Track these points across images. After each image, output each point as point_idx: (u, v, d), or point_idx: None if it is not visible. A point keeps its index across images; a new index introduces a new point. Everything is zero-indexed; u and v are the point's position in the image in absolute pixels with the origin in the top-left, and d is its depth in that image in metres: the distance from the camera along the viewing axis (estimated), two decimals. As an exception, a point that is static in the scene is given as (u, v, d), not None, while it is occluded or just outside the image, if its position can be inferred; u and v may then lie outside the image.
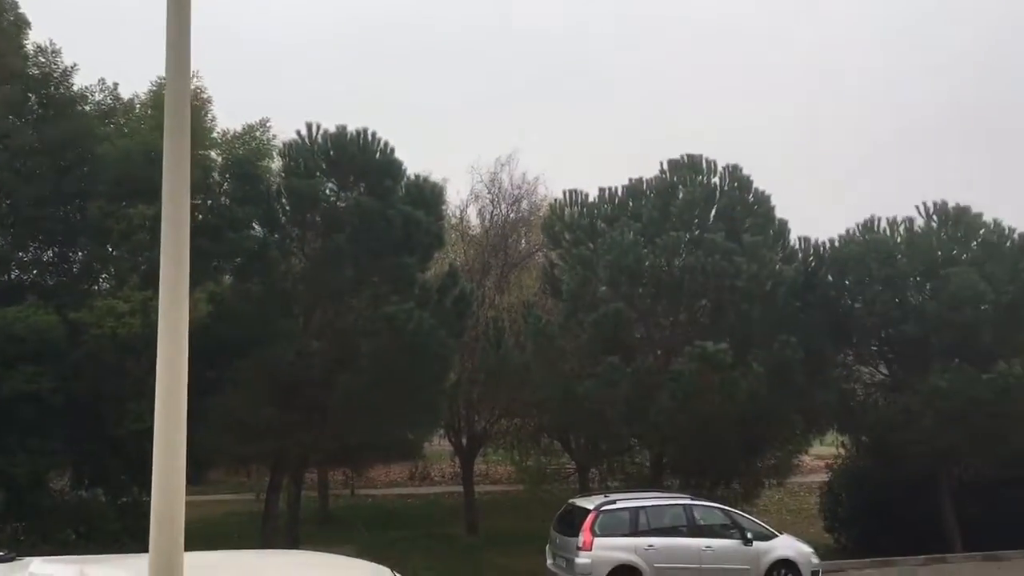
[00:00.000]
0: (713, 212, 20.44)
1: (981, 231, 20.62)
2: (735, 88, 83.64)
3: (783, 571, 15.28)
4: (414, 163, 19.07)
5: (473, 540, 21.63)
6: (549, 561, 15.85)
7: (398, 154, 18.15)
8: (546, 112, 71.71)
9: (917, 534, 20.20)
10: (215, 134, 17.95)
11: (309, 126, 17.96)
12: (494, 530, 22.23)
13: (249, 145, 18.16)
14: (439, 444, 29.57)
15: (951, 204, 20.95)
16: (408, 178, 18.47)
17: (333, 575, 7.01)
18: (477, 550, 20.36)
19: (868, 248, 20.75)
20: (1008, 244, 20.57)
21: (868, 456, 23.08)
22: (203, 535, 19.26)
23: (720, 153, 20.64)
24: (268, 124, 18.54)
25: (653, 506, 15.56)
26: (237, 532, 19.86)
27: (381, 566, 9.19)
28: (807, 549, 15.93)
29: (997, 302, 19.59)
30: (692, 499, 16.36)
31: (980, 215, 20.80)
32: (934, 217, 21.00)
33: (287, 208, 18.25)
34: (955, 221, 20.73)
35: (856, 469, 23.42)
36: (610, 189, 21.37)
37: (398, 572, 9.24)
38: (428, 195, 18.55)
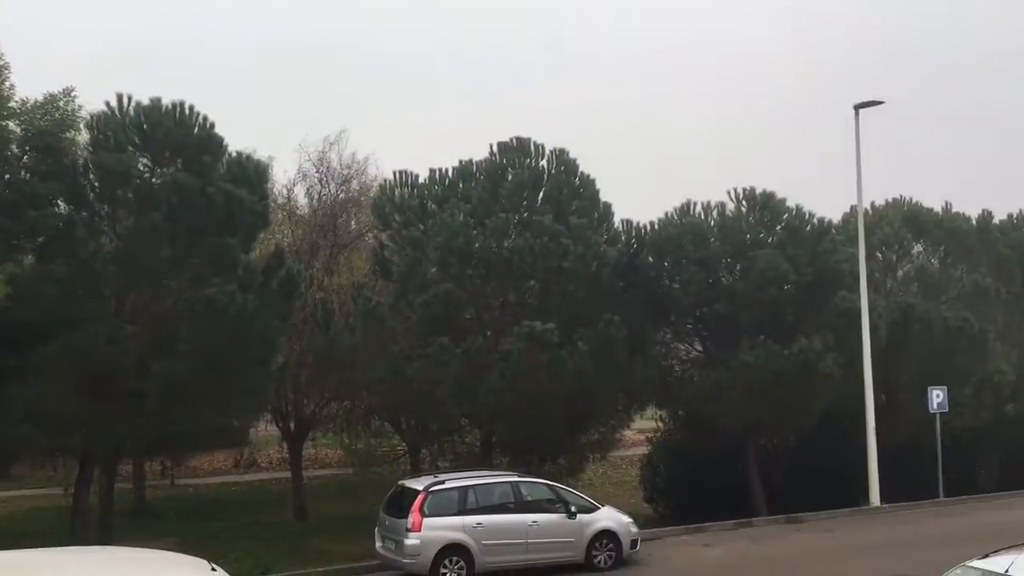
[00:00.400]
0: (541, 195, 20.83)
1: (784, 216, 22.11)
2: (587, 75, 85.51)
3: (605, 541, 15.85)
4: (238, 140, 18.30)
5: (301, 526, 21.24)
6: (378, 544, 15.76)
7: (219, 129, 17.42)
8: (378, 91, 70.82)
9: (728, 500, 21.53)
10: (13, 103, 16.51)
11: (120, 97, 16.89)
12: (323, 515, 21.92)
13: (52, 116, 16.82)
14: (266, 430, 28.79)
15: (758, 191, 22.34)
16: (230, 155, 17.75)
17: (143, 571, 6.67)
18: (305, 536, 20.01)
19: (684, 231, 21.83)
20: (808, 228, 22.16)
21: (684, 429, 24.36)
22: (6, 533, 17.98)
23: (550, 138, 20.85)
24: (73, 93, 17.22)
25: (481, 484, 15.74)
26: (44, 529, 18.59)
27: (199, 559, 8.86)
28: (627, 519, 16.60)
29: (798, 282, 21.11)
30: (519, 476, 16.70)
31: (784, 201, 22.30)
32: (743, 202, 22.33)
33: (95, 184, 17.11)
34: (762, 206, 22.12)
35: (673, 442, 24.67)
36: (440, 170, 21.35)
37: (218, 563, 8.96)
38: (252, 173, 17.89)
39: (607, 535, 15.90)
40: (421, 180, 21.34)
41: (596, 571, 15.56)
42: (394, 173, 21.50)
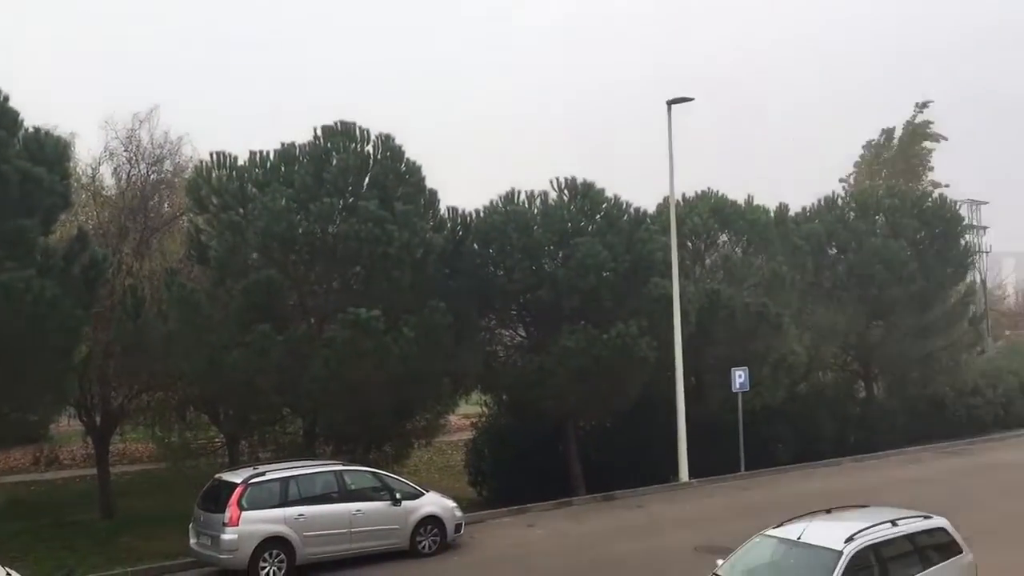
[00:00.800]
0: (367, 180, 20.56)
1: (604, 205, 22.91)
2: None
3: (429, 527, 15.99)
4: (35, 115, 16.96)
5: (109, 524, 20.06)
6: (192, 540, 15.18)
7: (13, 103, 16.11)
8: (195, 68, 67.46)
9: (550, 481, 22.20)
10: None
11: None
12: (133, 513, 20.80)
13: None
14: (69, 424, 26.98)
15: (579, 180, 23.02)
16: (27, 131, 16.44)
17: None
18: (113, 535, 18.92)
19: (509, 219, 22.20)
20: (625, 218, 23.07)
21: (508, 413, 24.86)
22: None
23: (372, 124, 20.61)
24: None
25: (303, 475, 15.47)
26: None
27: (-9, 565, 8.23)
28: (451, 504, 16.81)
29: (616, 269, 21.94)
30: (343, 465, 16.53)
31: (603, 191, 23.10)
32: (565, 191, 22.95)
33: None
34: (583, 195, 22.82)
35: (498, 426, 25.12)
36: (261, 153, 20.60)
37: (14, 567, 8.36)
38: (51, 150, 16.63)
39: (432, 520, 16.04)
40: (240, 162, 20.54)
41: (421, 557, 15.67)
42: (211, 154, 20.52)
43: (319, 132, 20.62)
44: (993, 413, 32.47)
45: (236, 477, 15.07)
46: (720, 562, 10.90)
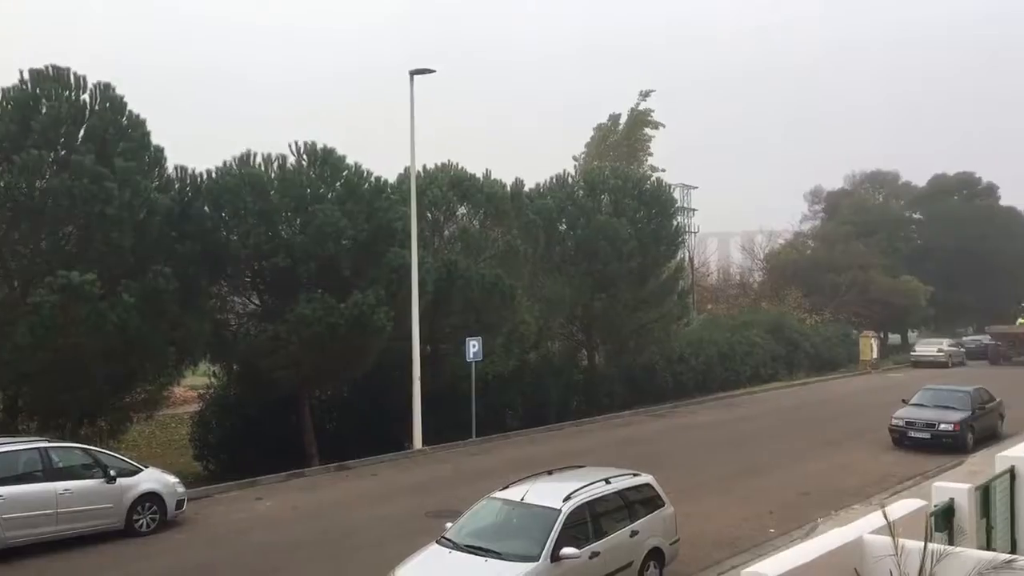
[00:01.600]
0: (82, 132, 18.86)
1: (344, 173, 22.58)
2: None
3: (148, 504, 15.12)
4: None
5: None
6: None
7: None
8: None
9: (283, 453, 21.69)
10: None
11: None
12: None
13: None
14: None
15: (320, 146, 22.52)
16: None
17: None
18: None
19: (244, 181, 21.28)
20: (366, 186, 22.89)
21: (240, 384, 23.96)
22: None
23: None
24: None
25: (3, 453, 14.06)
26: None
27: None
28: (172, 480, 16.00)
29: (355, 238, 21.76)
30: (48, 442, 15.16)
31: (344, 158, 22.75)
32: (304, 156, 22.37)
33: None
34: (322, 161, 22.35)
35: (228, 397, 24.15)
36: (-50, 94, 18.23)
37: None
38: None
39: (150, 497, 15.21)
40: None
41: (138, 536, 14.78)
42: None
43: (26, 76, 18.57)
44: (695, 379, 36.01)
45: (-82, 458, 13.38)
46: (449, 525, 11.27)
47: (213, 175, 21.76)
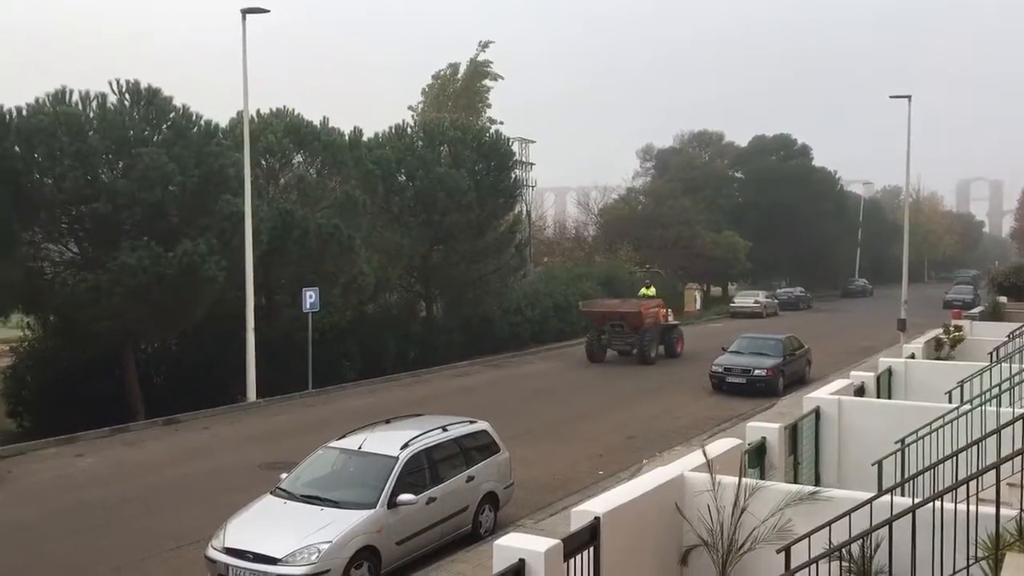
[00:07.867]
0: None
1: (171, 115, 21.49)
2: None
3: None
4: None
5: None
6: None
7: None
8: None
9: (106, 409, 20.67)
10: None
11: None
12: None
13: None
14: None
15: (145, 85, 21.29)
16: None
17: None
18: None
19: (58, 120, 19.88)
20: (195, 130, 21.89)
21: (56, 335, 22.63)
22: None
23: None
24: None
25: None
26: None
27: None
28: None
29: (184, 184, 20.84)
30: None
31: (171, 99, 21.62)
32: (127, 96, 21.09)
33: None
34: (147, 102, 21.17)
35: (43, 350, 22.76)
36: None
37: None
38: None
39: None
40: None
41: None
42: None
43: None
44: (531, 330, 36.88)
45: None
46: (284, 476, 11.20)
47: (24, 112, 20.18)
